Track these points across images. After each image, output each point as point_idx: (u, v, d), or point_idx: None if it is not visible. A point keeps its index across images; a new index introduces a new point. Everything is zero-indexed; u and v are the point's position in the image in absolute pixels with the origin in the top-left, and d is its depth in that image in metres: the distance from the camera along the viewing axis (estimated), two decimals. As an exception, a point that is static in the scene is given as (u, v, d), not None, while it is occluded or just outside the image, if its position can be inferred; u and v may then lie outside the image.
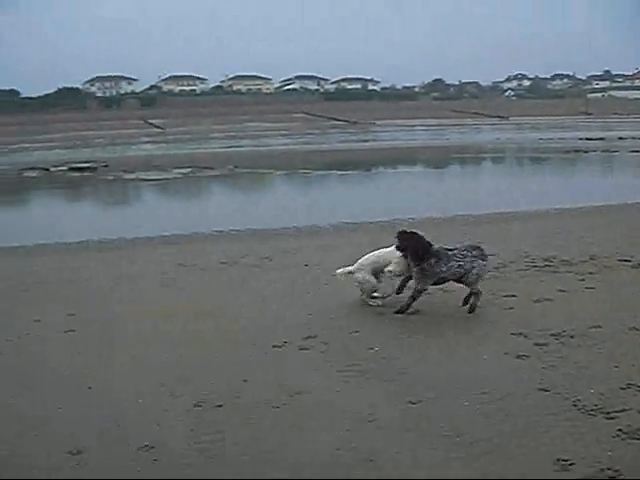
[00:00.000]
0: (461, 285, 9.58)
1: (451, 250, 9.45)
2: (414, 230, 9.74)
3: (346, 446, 5.85)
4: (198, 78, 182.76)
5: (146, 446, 6.00)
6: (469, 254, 9.39)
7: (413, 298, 9.45)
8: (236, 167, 36.60)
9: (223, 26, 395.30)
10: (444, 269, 9.29)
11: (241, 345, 8.56)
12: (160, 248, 15.77)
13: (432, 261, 9.25)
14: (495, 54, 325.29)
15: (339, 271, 10.28)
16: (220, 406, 6.78)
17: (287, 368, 7.72)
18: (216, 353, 8.30)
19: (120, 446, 6.05)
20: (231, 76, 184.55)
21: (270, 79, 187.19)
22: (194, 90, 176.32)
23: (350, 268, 10.14)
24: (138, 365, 8.03)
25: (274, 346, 8.39)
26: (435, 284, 9.64)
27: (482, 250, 9.55)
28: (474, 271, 9.32)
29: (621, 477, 5.22)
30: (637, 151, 42.25)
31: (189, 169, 35.82)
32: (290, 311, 9.85)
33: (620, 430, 5.92)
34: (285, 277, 12.03)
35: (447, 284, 9.78)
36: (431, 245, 9.39)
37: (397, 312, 9.49)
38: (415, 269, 9.38)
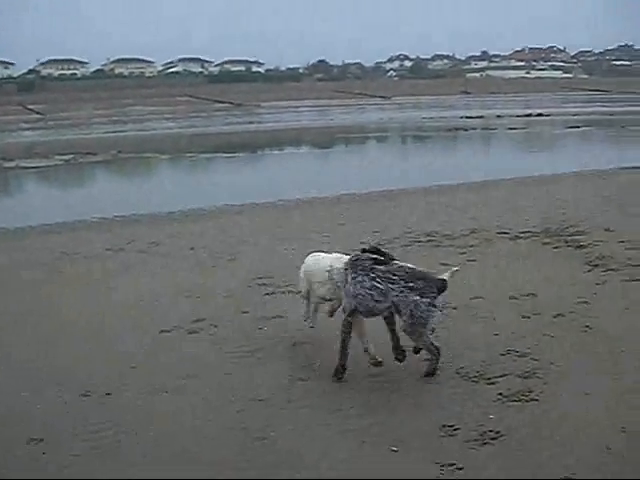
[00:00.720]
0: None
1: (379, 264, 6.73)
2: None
3: (237, 426, 5.88)
4: (79, 62, 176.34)
5: (34, 439, 5.85)
6: (402, 281, 6.49)
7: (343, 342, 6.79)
8: (120, 152, 35.80)
9: (103, 8, 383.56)
10: (351, 285, 6.70)
11: (128, 332, 8.44)
12: (42, 237, 15.30)
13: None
14: (377, 35, 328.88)
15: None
16: (109, 394, 6.68)
17: (176, 352, 7.67)
18: (103, 341, 8.16)
19: (7, 442, 5.89)
20: (113, 59, 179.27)
21: (153, 62, 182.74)
22: (75, 74, 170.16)
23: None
24: (22, 358, 7.80)
25: (162, 331, 8.31)
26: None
27: (430, 283, 6.50)
28: (406, 309, 6.43)
29: (502, 438, 5.46)
30: (514, 128, 43.76)
31: (71, 155, 34.74)
32: (178, 295, 9.77)
33: (500, 394, 6.19)
34: (171, 261, 11.92)
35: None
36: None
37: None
38: None
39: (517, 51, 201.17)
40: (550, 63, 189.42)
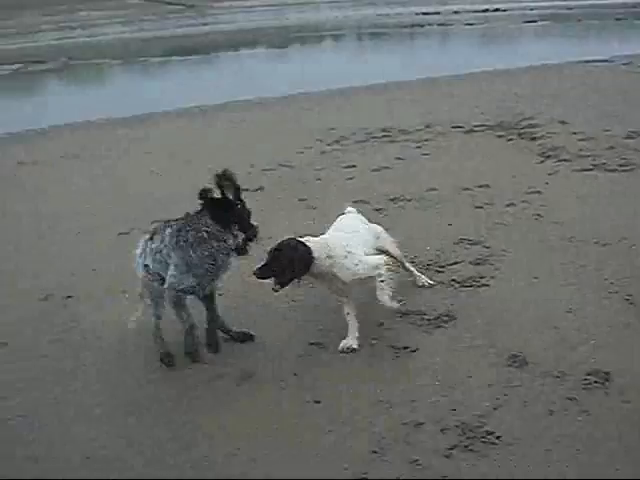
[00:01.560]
0: None
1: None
2: None
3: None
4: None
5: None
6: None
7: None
8: (70, 59, 34.81)
9: None
10: None
11: (87, 236, 8.49)
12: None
13: None
14: None
15: None
16: (70, 297, 6.74)
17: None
18: (61, 246, 8.20)
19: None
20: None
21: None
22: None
23: None
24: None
25: (120, 233, 8.34)
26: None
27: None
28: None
29: (454, 321, 5.66)
30: (471, 24, 43.24)
31: (19, 65, 33.75)
32: (134, 198, 9.81)
33: (454, 280, 6.39)
34: (127, 166, 11.91)
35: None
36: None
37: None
38: None
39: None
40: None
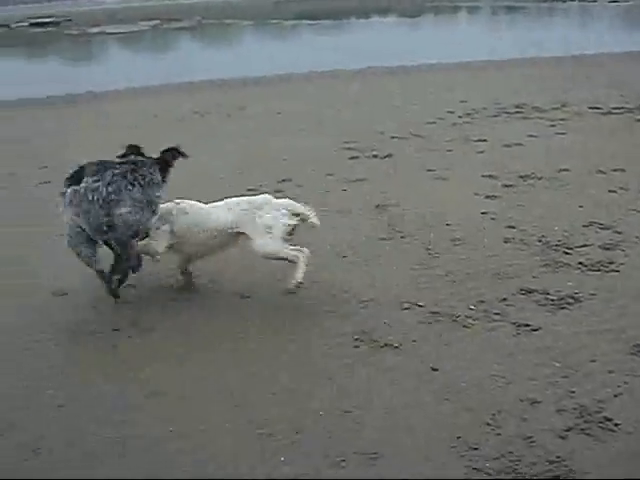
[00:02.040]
0: None
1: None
2: None
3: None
4: None
5: (61, 292, 6.06)
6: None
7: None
8: (204, 18, 35.58)
9: None
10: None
11: (217, 190, 8.61)
12: (131, 100, 15.57)
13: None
14: None
15: None
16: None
17: (262, 210, 7.83)
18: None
19: (35, 294, 6.08)
20: None
21: None
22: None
23: None
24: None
25: (249, 189, 8.48)
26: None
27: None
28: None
29: (579, 304, 5.50)
30: (615, 1, 41.53)
31: (156, 21, 34.77)
32: (264, 156, 9.98)
33: (580, 263, 6.19)
34: (258, 125, 12.11)
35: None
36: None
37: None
38: None
39: None
40: None
